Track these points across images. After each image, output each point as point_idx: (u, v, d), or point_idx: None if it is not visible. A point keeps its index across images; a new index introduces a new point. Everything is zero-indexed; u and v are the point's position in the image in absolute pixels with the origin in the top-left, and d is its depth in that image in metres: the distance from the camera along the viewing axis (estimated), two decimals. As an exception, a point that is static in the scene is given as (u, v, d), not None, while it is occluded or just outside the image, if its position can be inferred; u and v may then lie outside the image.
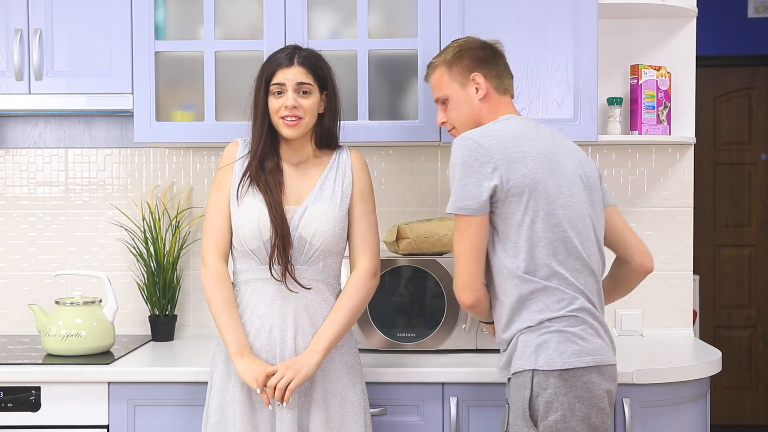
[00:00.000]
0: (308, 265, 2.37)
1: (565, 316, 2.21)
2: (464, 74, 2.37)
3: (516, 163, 2.21)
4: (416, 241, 2.79)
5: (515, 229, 2.22)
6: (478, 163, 2.21)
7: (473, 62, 2.37)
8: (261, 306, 2.36)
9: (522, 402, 2.20)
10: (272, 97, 2.37)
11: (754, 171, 5.66)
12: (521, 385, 2.21)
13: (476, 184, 2.20)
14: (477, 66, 2.37)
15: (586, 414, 2.20)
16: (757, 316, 5.67)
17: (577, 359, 2.19)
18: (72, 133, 3.25)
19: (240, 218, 2.36)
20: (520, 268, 2.22)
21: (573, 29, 2.80)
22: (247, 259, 2.38)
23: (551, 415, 2.18)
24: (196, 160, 3.23)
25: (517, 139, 2.25)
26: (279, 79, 2.36)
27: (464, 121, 2.38)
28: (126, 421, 2.60)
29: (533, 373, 2.19)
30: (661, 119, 3.04)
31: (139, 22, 2.84)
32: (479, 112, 2.37)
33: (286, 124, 2.36)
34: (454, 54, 2.39)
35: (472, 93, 2.37)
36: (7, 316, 3.25)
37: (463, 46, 2.40)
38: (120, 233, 3.23)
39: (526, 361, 2.20)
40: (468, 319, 2.76)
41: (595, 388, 2.20)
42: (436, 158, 3.20)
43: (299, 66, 2.37)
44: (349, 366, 2.40)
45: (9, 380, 2.60)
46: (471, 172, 2.21)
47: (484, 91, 2.36)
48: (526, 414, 2.19)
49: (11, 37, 2.87)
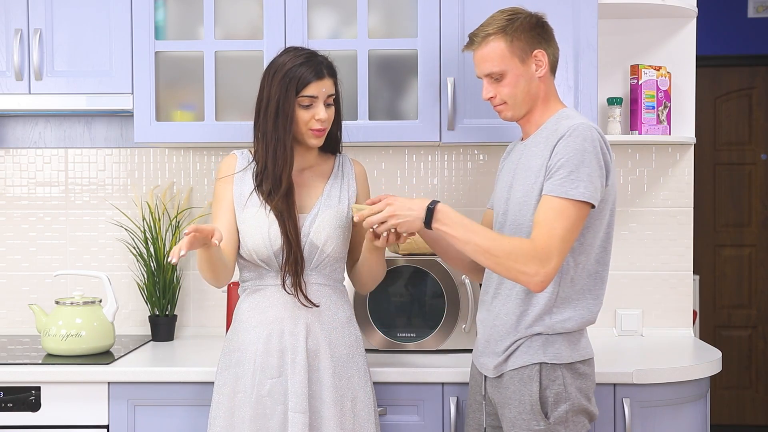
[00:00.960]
0: (318, 271, 2.38)
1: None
2: (526, 49, 2.24)
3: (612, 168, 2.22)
4: (416, 241, 2.79)
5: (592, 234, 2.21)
6: (605, 159, 2.16)
7: (534, 37, 2.25)
8: (272, 310, 2.36)
9: (530, 395, 2.21)
10: (301, 110, 2.33)
11: (754, 171, 5.66)
12: (528, 379, 2.21)
13: (600, 177, 2.15)
14: (539, 42, 2.25)
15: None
16: (757, 316, 5.67)
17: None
18: (72, 133, 3.25)
19: (248, 229, 2.36)
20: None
21: (573, 29, 2.80)
22: (256, 267, 2.38)
23: (561, 406, 2.20)
24: (196, 160, 3.23)
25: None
26: (312, 92, 2.33)
27: (520, 98, 2.26)
28: (126, 421, 2.60)
29: (541, 366, 2.21)
30: (661, 119, 3.04)
31: (139, 22, 2.84)
32: (537, 90, 2.26)
33: (315, 134, 2.35)
34: (516, 25, 2.24)
35: (533, 70, 2.25)
36: (7, 316, 3.25)
37: (521, 18, 2.25)
38: (120, 233, 3.23)
39: (533, 356, 2.22)
40: (468, 319, 2.77)
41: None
42: (436, 158, 3.20)
43: (329, 78, 2.36)
44: (358, 366, 2.41)
45: (9, 380, 2.60)
46: (601, 165, 2.15)
47: (545, 69, 2.26)
48: (535, 407, 2.20)
49: (11, 37, 2.87)
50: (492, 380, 2.30)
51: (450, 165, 3.19)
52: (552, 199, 2.13)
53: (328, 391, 2.34)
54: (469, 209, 3.18)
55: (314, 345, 2.35)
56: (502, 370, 2.26)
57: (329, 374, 2.34)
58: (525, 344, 2.23)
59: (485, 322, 2.33)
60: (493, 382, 2.30)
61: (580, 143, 2.13)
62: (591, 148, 2.13)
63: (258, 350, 2.33)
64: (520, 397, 2.22)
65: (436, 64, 2.80)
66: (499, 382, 2.28)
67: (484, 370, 2.33)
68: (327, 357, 2.35)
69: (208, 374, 2.57)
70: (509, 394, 2.24)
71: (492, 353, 2.29)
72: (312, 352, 2.34)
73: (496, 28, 2.24)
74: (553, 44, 2.30)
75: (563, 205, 2.11)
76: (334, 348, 2.37)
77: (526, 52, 2.24)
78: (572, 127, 2.16)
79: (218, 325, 3.22)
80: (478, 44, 2.27)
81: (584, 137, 2.14)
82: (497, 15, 2.28)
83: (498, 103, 2.30)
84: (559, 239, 2.10)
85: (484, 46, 2.26)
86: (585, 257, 2.22)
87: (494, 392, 2.30)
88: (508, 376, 2.25)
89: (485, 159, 3.19)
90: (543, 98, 2.29)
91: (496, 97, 2.28)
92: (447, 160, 3.19)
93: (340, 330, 2.39)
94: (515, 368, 2.24)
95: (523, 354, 2.23)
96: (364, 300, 2.78)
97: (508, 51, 2.24)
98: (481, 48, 2.26)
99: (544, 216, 2.12)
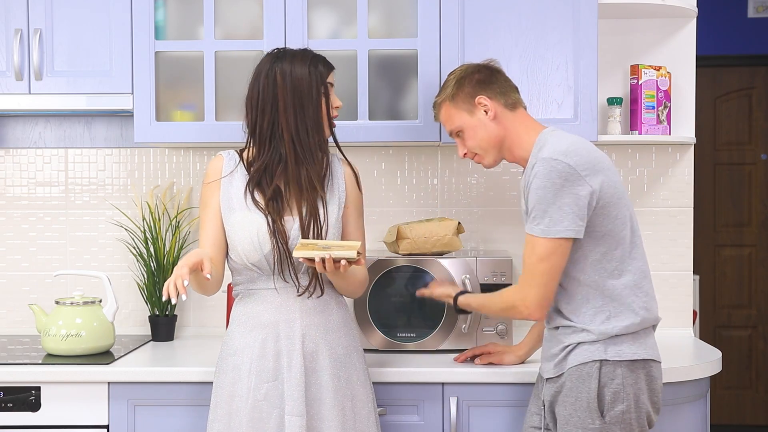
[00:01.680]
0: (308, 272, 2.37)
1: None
2: (469, 101, 2.37)
3: (605, 172, 2.26)
4: (416, 241, 2.79)
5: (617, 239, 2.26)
6: (578, 185, 2.20)
7: (474, 87, 2.37)
8: (266, 314, 2.35)
9: (588, 392, 2.23)
10: (323, 97, 2.38)
11: (754, 171, 5.66)
12: (587, 376, 2.24)
13: (575, 205, 2.20)
14: (479, 89, 2.37)
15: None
16: (757, 316, 5.67)
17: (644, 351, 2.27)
18: (72, 133, 3.25)
19: (237, 233, 2.35)
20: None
21: (573, 29, 2.80)
22: (247, 271, 2.38)
23: (618, 406, 2.23)
24: (196, 160, 3.23)
25: (591, 150, 2.26)
26: (331, 80, 2.41)
27: (485, 145, 2.38)
28: (126, 421, 2.60)
29: (601, 363, 2.23)
30: (661, 119, 3.04)
31: (139, 22, 2.84)
32: (497, 132, 2.37)
33: (332, 124, 2.41)
34: (454, 86, 2.40)
35: (483, 116, 2.37)
36: (7, 316, 3.25)
37: (459, 75, 2.40)
38: (120, 233, 3.23)
39: (594, 352, 2.24)
40: (468, 319, 2.77)
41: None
42: (436, 158, 3.20)
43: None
44: (357, 366, 2.41)
45: (9, 380, 2.60)
46: (575, 193, 2.19)
47: (493, 111, 2.36)
48: (592, 405, 2.22)
49: (11, 37, 2.88)
50: (550, 381, 2.32)
51: (450, 165, 3.19)
52: (528, 237, 2.26)
53: (328, 393, 2.33)
54: (468, 209, 3.19)
55: (312, 347, 2.34)
56: (562, 369, 2.28)
57: (328, 376, 2.34)
58: (586, 342, 2.26)
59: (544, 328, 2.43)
60: (550, 383, 2.32)
61: (543, 182, 2.20)
62: (558, 182, 2.18)
63: (254, 354, 2.33)
64: (576, 395, 2.24)
65: (436, 64, 2.80)
66: (557, 381, 2.29)
67: (544, 372, 2.35)
68: (325, 359, 2.35)
69: (208, 374, 2.57)
70: (566, 391, 2.26)
71: (550, 355, 2.33)
72: (309, 354, 2.34)
73: (441, 94, 2.43)
74: (500, 82, 2.39)
75: (535, 242, 2.22)
76: (333, 349, 2.36)
77: (470, 103, 2.38)
78: (536, 166, 2.23)
79: (218, 325, 3.22)
80: (436, 113, 2.47)
81: (547, 175, 2.19)
82: (447, 79, 2.44)
83: (471, 156, 2.44)
84: (538, 273, 2.22)
85: (438, 113, 2.46)
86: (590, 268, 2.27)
87: (551, 392, 2.31)
88: (567, 374, 2.27)
89: (485, 159, 3.19)
90: (510, 136, 2.37)
91: (468, 152, 2.43)
92: (447, 160, 3.19)
93: (338, 331, 2.39)
94: (574, 365, 2.25)
95: (584, 351, 2.25)
96: (364, 300, 2.78)
97: (454, 109, 2.40)
98: (439, 115, 2.46)
99: (524, 252, 2.28)
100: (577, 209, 2.19)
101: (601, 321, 2.25)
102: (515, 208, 3.18)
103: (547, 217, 2.20)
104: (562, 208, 2.18)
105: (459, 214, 3.20)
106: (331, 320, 2.39)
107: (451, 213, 3.20)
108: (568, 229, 2.19)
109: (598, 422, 2.21)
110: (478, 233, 3.19)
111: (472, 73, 2.40)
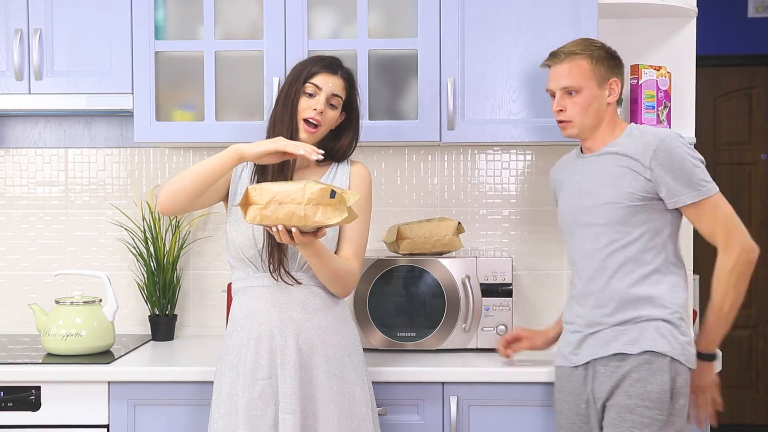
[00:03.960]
0: (304, 272, 2.38)
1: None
2: (606, 74, 2.43)
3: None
4: (416, 241, 2.79)
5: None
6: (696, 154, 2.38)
7: (613, 67, 2.45)
8: (261, 312, 2.36)
9: (660, 385, 2.28)
10: (304, 97, 2.38)
11: (754, 171, 5.66)
12: (658, 369, 2.29)
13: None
14: (615, 72, 2.45)
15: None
16: (757, 316, 5.67)
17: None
18: (72, 133, 3.25)
19: (234, 228, 2.38)
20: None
21: (573, 29, 2.80)
22: (244, 267, 2.40)
23: (680, 400, 2.30)
24: (196, 160, 3.23)
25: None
26: (318, 82, 2.38)
27: (587, 118, 2.43)
28: (126, 421, 2.60)
29: (671, 358, 2.31)
30: (661, 119, 3.04)
31: (139, 22, 2.84)
32: (603, 115, 2.44)
33: (306, 129, 2.38)
34: (602, 51, 2.43)
35: (605, 95, 2.44)
36: (7, 316, 3.25)
37: (602, 47, 2.45)
38: (120, 233, 3.23)
39: (665, 345, 2.31)
40: (468, 319, 2.77)
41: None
42: (436, 158, 3.20)
43: (341, 78, 2.42)
44: (355, 365, 2.40)
45: (9, 380, 2.61)
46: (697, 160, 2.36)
47: (615, 97, 2.44)
48: (663, 396, 2.29)
49: (11, 37, 2.88)
50: (600, 367, 2.35)
51: (450, 165, 3.19)
52: (704, 201, 2.36)
53: (323, 392, 2.33)
54: (468, 209, 3.19)
55: (307, 345, 2.34)
56: (632, 350, 2.33)
57: (323, 374, 2.34)
58: (653, 330, 2.33)
59: (582, 315, 2.42)
60: (600, 370, 2.35)
61: (685, 152, 2.34)
62: (690, 151, 2.35)
63: (249, 352, 2.34)
64: (645, 386, 2.28)
65: (436, 64, 2.80)
66: (614, 368, 2.33)
67: (586, 356, 2.38)
68: (321, 357, 2.35)
69: (208, 374, 2.57)
70: (631, 381, 2.31)
71: (599, 339, 2.37)
72: (304, 352, 2.34)
73: (583, 48, 2.43)
74: (623, 77, 2.48)
75: (716, 200, 2.37)
76: (328, 348, 2.36)
77: (605, 77, 2.43)
78: (666, 141, 2.34)
79: (218, 324, 3.22)
80: (562, 60, 2.43)
81: (679, 146, 2.34)
82: (579, 41, 2.46)
83: (564, 119, 2.44)
84: (735, 218, 2.40)
85: (568, 62, 2.42)
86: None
87: (603, 380, 2.34)
88: (638, 361, 2.31)
89: (485, 159, 3.19)
90: (609, 121, 2.46)
91: (566, 111, 2.43)
92: (447, 160, 3.19)
93: (334, 330, 2.39)
94: (644, 351, 2.31)
95: (652, 340, 2.32)
96: (364, 300, 2.79)
97: (590, 71, 2.42)
98: (564, 63, 2.43)
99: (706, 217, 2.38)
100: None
101: (675, 308, 2.38)
102: (515, 208, 3.18)
103: (706, 178, 2.35)
104: (704, 170, 2.35)
105: (459, 214, 3.20)
106: (328, 318, 2.38)
107: (451, 213, 3.20)
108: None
109: (665, 413, 2.28)
110: (478, 233, 3.19)
111: (612, 54, 2.45)
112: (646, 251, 2.36)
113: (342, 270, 2.33)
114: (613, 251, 2.37)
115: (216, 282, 3.22)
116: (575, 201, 2.46)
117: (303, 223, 2.11)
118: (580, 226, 2.44)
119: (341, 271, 2.33)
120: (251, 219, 2.12)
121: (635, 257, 2.35)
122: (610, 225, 2.37)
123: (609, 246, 2.37)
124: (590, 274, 2.40)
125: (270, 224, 2.13)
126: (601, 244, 2.38)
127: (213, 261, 3.22)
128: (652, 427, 2.27)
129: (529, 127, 2.82)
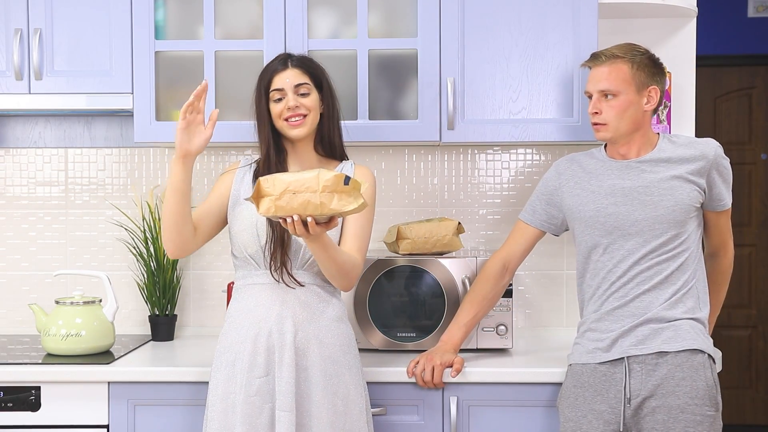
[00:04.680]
0: (305, 270, 2.38)
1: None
2: (645, 82, 2.40)
3: None
4: (416, 241, 2.79)
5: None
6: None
7: (653, 75, 2.42)
8: (259, 309, 2.37)
9: (705, 381, 2.31)
10: (273, 104, 2.41)
11: (754, 171, 5.66)
12: (700, 365, 2.32)
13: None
14: (655, 80, 2.42)
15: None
16: (757, 316, 5.67)
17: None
18: (72, 132, 3.25)
19: (238, 224, 2.40)
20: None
21: (573, 29, 2.80)
22: (246, 264, 2.41)
23: (719, 396, 2.36)
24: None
25: None
26: (277, 85, 2.40)
27: (622, 123, 2.40)
28: (126, 421, 2.60)
29: (709, 355, 2.36)
30: (661, 119, 3.04)
31: (139, 22, 2.84)
32: (640, 122, 2.42)
33: (291, 124, 2.39)
34: (645, 57, 2.41)
35: (643, 102, 2.41)
36: (7, 316, 3.25)
37: (645, 53, 2.42)
38: (120, 233, 3.23)
39: (702, 343, 2.36)
40: (468, 319, 2.76)
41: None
42: (436, 158, 3.20)
43: (293, 68, 2.42)
44: (350, 364, 2.41)
45: (9, 380, 2.61)
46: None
47: (653, 105, 2.42)
48: (711, 392, 2.32)
49: (11, 36, 2.87)
50: (636, 365, 2.35)
51: (450, 165, 3.19)
52: (728, 209, 2.47)
53: (318, 390, 2.34)
54: (468, 209, 3.19)
55: (303, 344, 2.35)
56: (665, 349, 2.34)
57: (318, 373, 2.34)
58: (688, 329, 2.35)
59: (623, 312, 2.40)
60: (636, 368, 2.35)
61: (726, 165, 2.43)
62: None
63: (246, 349, 2.35)
64: (692, 383, 2.30)
65: (436, 64, 2.80)
66: (653, 366, 2.34)
67: (617, 353, 2.37)
68: (316, 356, 2.35)
69: (208, 374, 2.57)
70: (676, 380, 2.32)
71: (641, 335, 2.37)
72: (301, 350, 2.34)
73: (625, 52, 2.40)
74: (663, 85, 2.46)
75: (731, 209, 2.50)
76: (324, 347, 2.37)
77: (644, 84, 2.40)
78: (718, 153, 2.40)
79: (218, 324, 3.22)
80: (603, 62, 2.41)
81: (724, 158, 2.42)
82: (623, 44, 2.43)
83: (599, 122, 2.42)
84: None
85: (609, 64, 2.40)
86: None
87: (642, 378, 2.34)
88: (678, 360, 2.33)
89: (485, 159, 3.19)
90: (645, 130, 2.44)
91: (601, 114, 2.41)
92: (447, 160, 3.19)
93: (331, 329, 2.39)
94: (683, 350, 2.33)
95: (691, 338, 2.34)
96: (364, 300, 2.79)
97: (630, 76, 2.39)
98: (605, 65, 2.41)
99: (724, 223, 2.50)
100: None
101: (704, 306, 2.42)
102: (515, 208, 3.18)
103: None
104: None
105: (459, 214, 3.20)
106: (325, 317, 2.39)
107: (451, 213, 3.20)
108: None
109: (713, 410, 2.31)
110: (478, 233, 3.19)
111: (654, 61, 2.43)
112: (688, 259, 2.38)
113: (348, 263, 2.32)
114: (661, 261, 2.37)
115: (216, 282, 3.22)
116: (618, 208, 2.40)
117: (319, 212, 2.06)
118: (625, 235, 2.39)
119: (347, 264, 2.32)
120: (265, 211, 2.07)
121: (679, 267, 2.37)
122: (663, 234, 2.37)
123: (657, 254, 2.37)
124: (629, 279, 2.39)
125: (285, 215, 2.07)
126: (645, 251, 2.37)
127: (213, 261, 3.22)
128: (704, 424, 2.29)
129: (529, 127, 2.82)
